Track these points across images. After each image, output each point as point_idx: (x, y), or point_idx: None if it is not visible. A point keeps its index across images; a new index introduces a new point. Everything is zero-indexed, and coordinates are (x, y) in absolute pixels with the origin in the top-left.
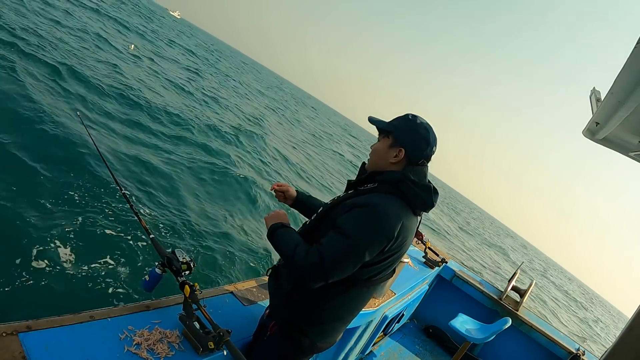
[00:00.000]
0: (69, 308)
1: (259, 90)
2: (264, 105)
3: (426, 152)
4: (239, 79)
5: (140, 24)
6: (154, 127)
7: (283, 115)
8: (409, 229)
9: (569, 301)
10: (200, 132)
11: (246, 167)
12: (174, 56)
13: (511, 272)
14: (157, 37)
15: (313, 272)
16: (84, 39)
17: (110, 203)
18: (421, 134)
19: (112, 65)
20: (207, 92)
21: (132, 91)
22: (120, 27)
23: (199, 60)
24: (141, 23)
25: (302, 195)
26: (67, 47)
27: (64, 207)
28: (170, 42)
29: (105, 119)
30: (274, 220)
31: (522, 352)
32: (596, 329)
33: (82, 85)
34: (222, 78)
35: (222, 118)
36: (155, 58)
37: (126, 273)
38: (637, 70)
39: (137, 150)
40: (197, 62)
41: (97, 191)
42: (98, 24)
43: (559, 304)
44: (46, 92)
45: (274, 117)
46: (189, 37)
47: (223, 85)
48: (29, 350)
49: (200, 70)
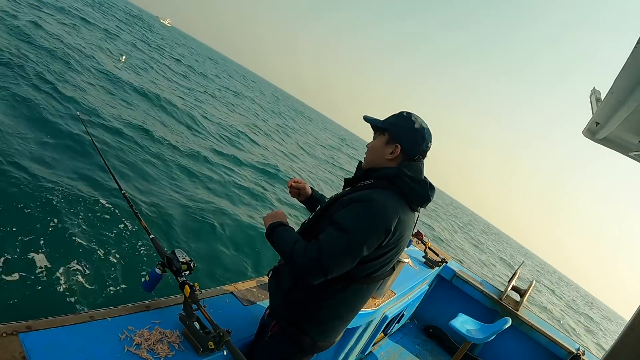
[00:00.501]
0: (69, 308)
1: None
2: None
3: (422, 147)
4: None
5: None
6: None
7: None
8: (406, 224)
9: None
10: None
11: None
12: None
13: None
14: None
15: (312, 268)
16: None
17: (110, 203)
18: (417, 130)
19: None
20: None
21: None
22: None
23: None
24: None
25: (317, 194)
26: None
27: (64, 207)
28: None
29: (106, 119)
30: (273, 220)
31: (522, 352)
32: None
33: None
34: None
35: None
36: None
37: (126, 273)
38: (637, 70)
39: (139, 152)
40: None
41: (97, 191)
42: (108, 44)
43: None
44: (44, 95)
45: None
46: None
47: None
48: (29, 350)
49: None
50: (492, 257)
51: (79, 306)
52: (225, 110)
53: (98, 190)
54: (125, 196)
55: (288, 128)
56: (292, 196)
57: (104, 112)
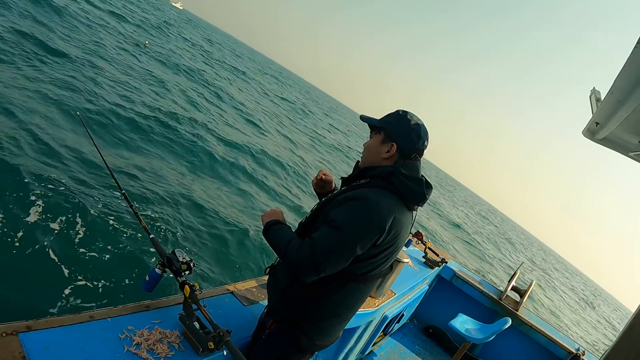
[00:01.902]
0: (69, 308)
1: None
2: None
3: (418, 145)
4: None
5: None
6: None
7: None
8: (402, 223)
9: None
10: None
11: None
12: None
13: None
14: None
15: (306, 266)
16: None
17: (110, 203)
18: (412, 128)
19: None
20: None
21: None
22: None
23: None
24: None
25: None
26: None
27: (64, 207)
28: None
29: (105, 119)
30: (270, 218)
31: (522, 352)
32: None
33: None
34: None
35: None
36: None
37: (126, 273)
38: (637, 70)
39: (141, 153)
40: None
41: (97, 191)
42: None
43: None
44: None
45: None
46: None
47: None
48: (29, 350)
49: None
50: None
51: (78, 306)
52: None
53: (98, 190)
54: (125, 196)
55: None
56: (313, 185)
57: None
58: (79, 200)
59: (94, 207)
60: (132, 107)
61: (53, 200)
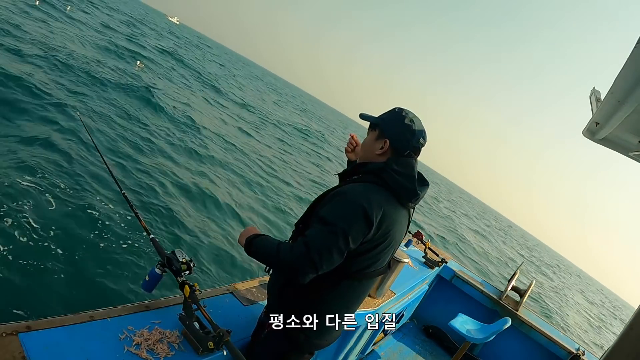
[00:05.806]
0: (69, 308)
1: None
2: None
3: (412, 142)
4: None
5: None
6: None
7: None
8: (394, 218)
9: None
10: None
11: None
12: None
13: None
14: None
15: (302, 263)
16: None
17: (109, 203)
18: (406, 125)
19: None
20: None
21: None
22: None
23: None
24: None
25: None
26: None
27: (63, 207)
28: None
29: (106, 120)
30: (247, 234)
31: (522, 352)
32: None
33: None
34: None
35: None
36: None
37: (126, 273)
38: (637, 70)
39: (142, 154)
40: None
41: (97, 191)
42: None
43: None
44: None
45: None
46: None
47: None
48: (29, 350)
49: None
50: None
51: (78, 306)
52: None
53: (98, 190)
54: (125, 196)
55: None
56: (346, 149)
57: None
58: (79, 200)
59: (94, 207)
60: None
61: (53, 200)
